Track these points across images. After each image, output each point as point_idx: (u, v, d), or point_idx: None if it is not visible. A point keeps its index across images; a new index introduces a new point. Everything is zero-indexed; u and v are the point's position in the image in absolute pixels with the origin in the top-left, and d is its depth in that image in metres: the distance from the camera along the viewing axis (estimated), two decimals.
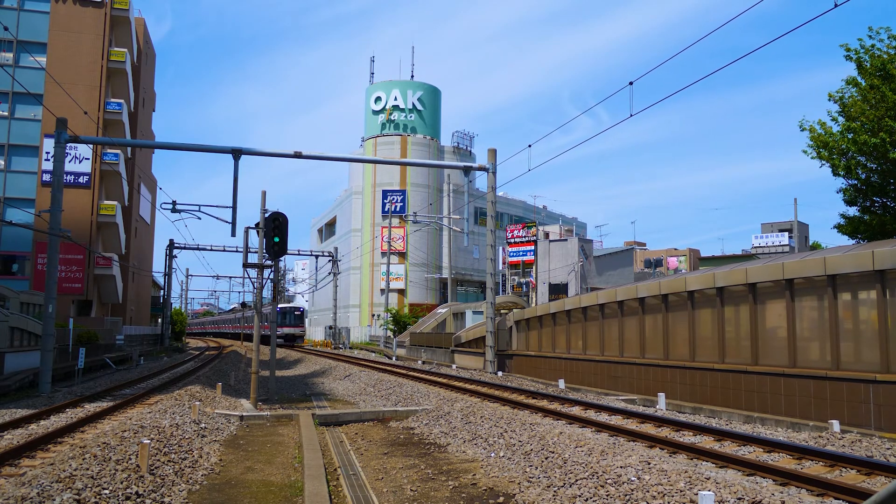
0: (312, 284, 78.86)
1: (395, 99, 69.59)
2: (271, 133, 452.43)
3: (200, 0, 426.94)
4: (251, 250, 19.20)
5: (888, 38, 22.68)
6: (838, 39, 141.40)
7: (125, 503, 7.28)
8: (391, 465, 10.11)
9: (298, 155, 22.78)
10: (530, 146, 24.06)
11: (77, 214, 40.05)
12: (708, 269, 20.09)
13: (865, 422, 13.01)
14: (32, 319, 25.80)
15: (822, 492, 7.61)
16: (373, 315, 66.39)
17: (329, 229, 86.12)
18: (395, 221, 66.05)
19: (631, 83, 16.11)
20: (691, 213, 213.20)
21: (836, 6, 11.01)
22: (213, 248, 60.70)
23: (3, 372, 20.95)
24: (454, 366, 31.77)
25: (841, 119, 24.21)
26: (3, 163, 42.05)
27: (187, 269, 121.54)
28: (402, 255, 66.51)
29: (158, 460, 9.14)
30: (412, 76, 72.31)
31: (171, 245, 57.81)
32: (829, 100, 24.41)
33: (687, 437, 11.35)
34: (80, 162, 41.36)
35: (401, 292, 66.02)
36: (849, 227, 25.34)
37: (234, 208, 21.41)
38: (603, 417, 13.61)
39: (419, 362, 34.33)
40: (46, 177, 38.38)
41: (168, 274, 58.07)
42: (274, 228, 16.54)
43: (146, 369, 28.95)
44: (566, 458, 9.02)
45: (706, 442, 11.01)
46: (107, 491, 7.48)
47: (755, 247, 73.99)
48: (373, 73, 74.41)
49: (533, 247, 49.92)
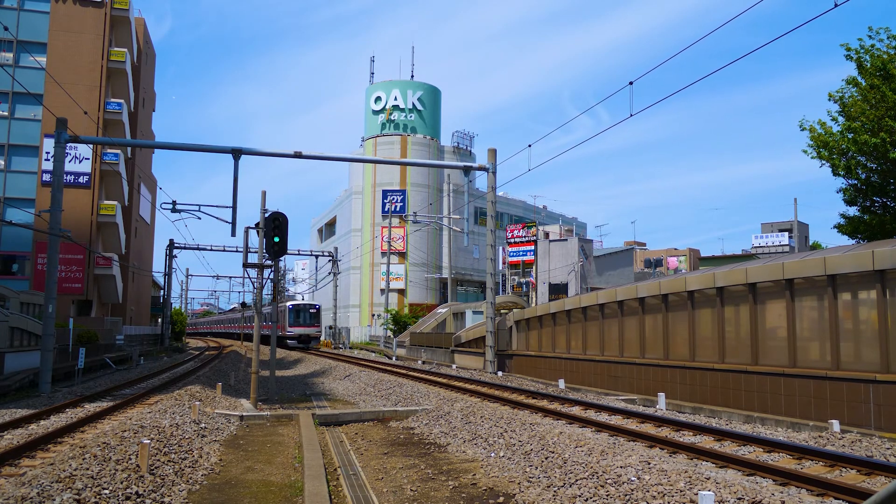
0: (312, 284, 78.89)
1: (395, 99, 69.58)
2: (271, 133, 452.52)
3: (200, 0, 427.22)
4: (251, 250, 19.22)
5: (888, 38, 22.68)
6: (838, 39, 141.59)
7: (125, 503, 7.29)
8: (391, 465, 10.12)
9: (298, 155, 22.81)
10: (530, 146, 24.09)
11: (77, 214, 40.04)
12: (708, 269, 20.09)
13: (865, 422, 13.01)
14: (32, 319, 25.80)
15: (822, 492, 7.61)
16: (373, 315, 66.37)
17: (329, 229, 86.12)
18: (395, 221, 66.04)
19: (631, 83, 16.13)
20: (691, 213, 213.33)
21: (836, 6, 11.01)
22: (213, 248, 60.85)
23: (3, 372, 20.95)
24: (454, 366, 31.77)
25: (841, 119, 24.19)
26: (4, 163, 42.03)
27: (187, 269, 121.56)
28: (402, 255, 66.50)
29: (158, 460, 9.14)
30: (412, 76, 72.34)
31: (171, 245, 57.85)
32: (829, 100, 24.40)
33: (687, 437, 11.36)
34: (80, 162, 41.34)
35: (401, 292, 66.02)
36: (849, 227, 25.34)
37: (234, 208, 21.45)
38: (603, 417, 13.61)
39: (419, 362, 34.33)
40: (46, 177, 38.35)
41: (168, 274, 58.11)
42: (274, 228, 16.55)
43: (146, 369, 28.97)
44: (566, 458, 9.02)
45: (706, 442, 11.01)
46: (107, 491, 7.48)
47: (755, 247, 73.95)
48: (373, 73, 74.47)
49: (533, 247, 49.91)
